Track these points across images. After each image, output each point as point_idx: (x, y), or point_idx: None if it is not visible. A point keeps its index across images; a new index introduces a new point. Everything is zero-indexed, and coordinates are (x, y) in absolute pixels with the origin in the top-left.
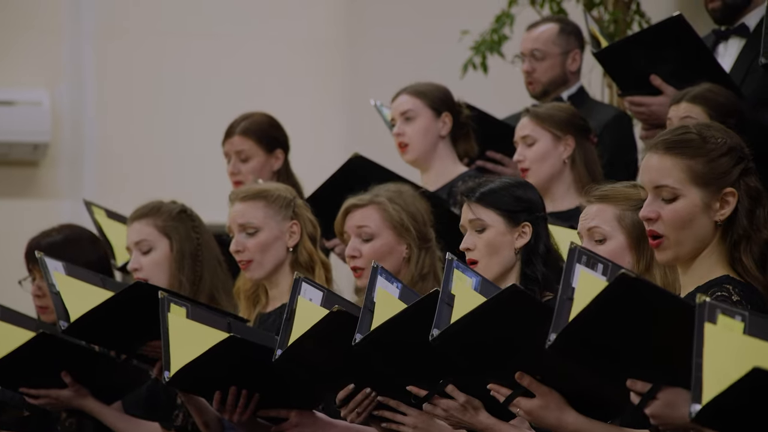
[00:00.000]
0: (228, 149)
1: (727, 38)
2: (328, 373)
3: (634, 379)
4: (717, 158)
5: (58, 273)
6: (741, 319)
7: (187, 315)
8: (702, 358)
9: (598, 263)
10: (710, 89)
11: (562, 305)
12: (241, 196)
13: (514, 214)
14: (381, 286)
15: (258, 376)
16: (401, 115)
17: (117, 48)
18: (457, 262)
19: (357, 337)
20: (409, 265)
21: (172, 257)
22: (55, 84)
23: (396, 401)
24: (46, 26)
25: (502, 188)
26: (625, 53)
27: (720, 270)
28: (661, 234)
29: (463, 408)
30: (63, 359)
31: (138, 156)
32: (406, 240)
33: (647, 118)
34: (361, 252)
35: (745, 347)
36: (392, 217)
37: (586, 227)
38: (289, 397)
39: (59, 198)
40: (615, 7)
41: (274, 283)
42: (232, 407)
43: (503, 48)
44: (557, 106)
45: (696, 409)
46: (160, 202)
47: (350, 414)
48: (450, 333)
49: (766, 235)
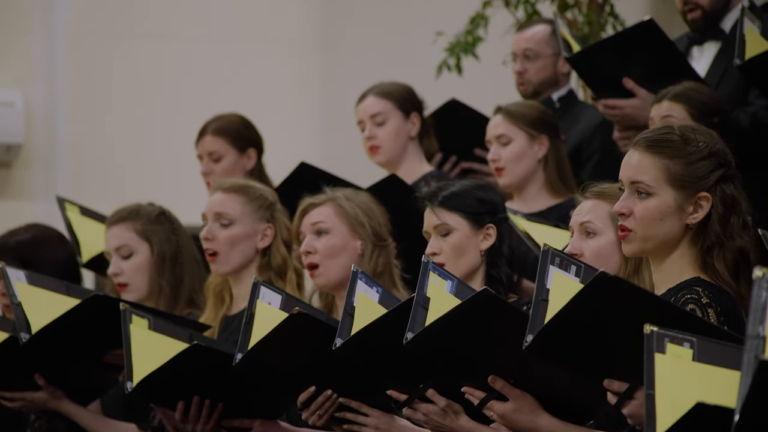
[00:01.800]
0: (201, 150)
1: (702, 42)
2: (290, 376)
3: (611, 379)
4: (695, 161)
5: (20, 283)
6: (689, 346)
7: (149, 326)
8: (654, 390)
9: (571, 265)
10: (692, 88)
11: (537, 307)
12: (224, 187)
13: (478, 217)
14: (361, 290)
15: (221, 385)
16: (371, 118)
17: (90, 49)
18: (433, 264)
19: (337, 342)
20: (362, 261)
21: (152, 261)
22: (28, 85)
23: (357, 402)
24: (19, 27)
25: (465, 191)
26: (597, 57)
27: (691, 272)
28: (630, 228)
29: (444, 412)
30: (36, 361)
31: (111, 157)
32: (360, 236)
33: (621, 120)
34: (315, 248)
35: (694, 374)
36: (347, 213)
37: (579, 221)
38: (253, 406)
39: (32, 199)
40: (589, 8)
41: (238, 281)
42: (195, 417)
43: (478, 49)
44: (528, 105)
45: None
46: (139, 205)
47: (312, 416)
48: (423, 336)
49: (740, 243)
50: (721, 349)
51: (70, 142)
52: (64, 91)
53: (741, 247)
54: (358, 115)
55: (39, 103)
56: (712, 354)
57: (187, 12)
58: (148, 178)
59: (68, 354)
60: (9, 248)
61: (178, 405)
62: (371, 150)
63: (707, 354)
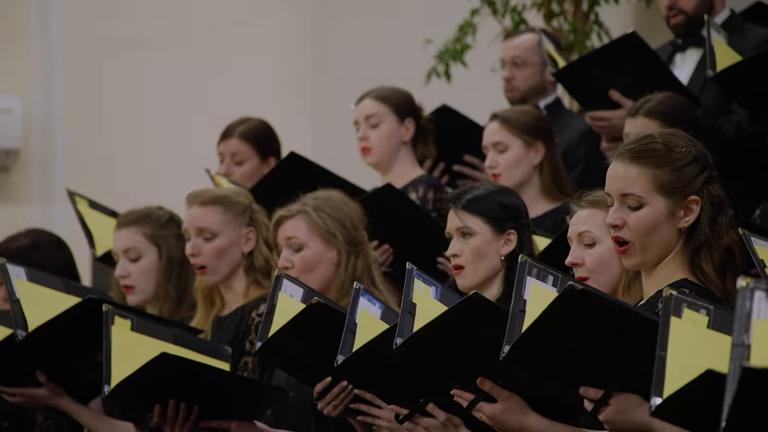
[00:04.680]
0: (223, 150)
1: (685, 49)
2: (307, 365)
3: (587, 387)
4: (682, 167)
5: (20, 280)
6: (706, 314)
7: (132, 327)
8: (666, 352)
9: (548, 275)
10: (663, 102)
11: (514, 317)
12: (199, 201)
13: (500, 222)
14: (363, 306)
15: (198, 388)
16: (366, 119)
17: (86, 57)
18: (417, 271)
19: (339, 359)
20: (339, 270)
21: (160, 266)
22: (27, 92)
23: (371, 395)
24: (17, 36)
25: (488, 195)
26: (583, 71)
27: (680, 274)
28: (627, 240)
29: (444, 426)
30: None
31: (107, 161)
32: (335, 246)
33: (609, 131)
34: (292, 263)
35: (708, 341)
36: (318, 226)
37: (577, 231)
38: (229, 409)
39: (30, 203)
40: (574, 17)
41: (228, 286)
42: (172, 420)
43: (466, 57)
44: (524, 111)
45: (656, 402)
46: (149, 209)
47: (327, 407)
48: (413, 341)
49: (727, 242)
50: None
51: (66, 146)
52: (61, 98)
53: (728, 246)
54: (355, 115)
55: (37, 110)
56: (727, 323)
57: (181, 19)
58: (141, 181)
59: (66, 352)
60: (9, 254)
61: (156, 408)
62: (363, 151)
63: (723, 323)
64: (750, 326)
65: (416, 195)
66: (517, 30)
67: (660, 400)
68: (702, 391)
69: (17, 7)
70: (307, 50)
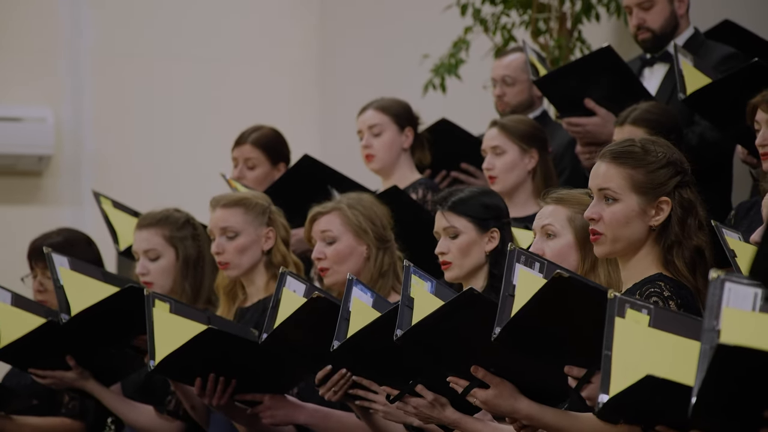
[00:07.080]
0: (237, 155)
1: (653, 64)
2: (309, 354)
3: (571, 366)
4: (656, 170)
5: (64, 268)
6: (647, 313)
7: (171, 310)
8: (611, 351)
9: (535, 262)
10: (648, 110)
11: (504, 301)
12: (222, 203)
13: (483, 221)
14: (356, 296)
15: (234, 364)
16: (369, 128)
17: (113, 70)
18: (414, 268)
19: (335, 344)
20: (368, 263)
21: (177, 266)
22: (58, 103)
23: (369, 381)
24: (49, 52)
25: (472, 197)
26: (561, 80)
27: (654, 269)
28: (600, 232)
29: (431, 405)
30: (69, 343)
31: (132, 167)
32: (365, 241)
33: (583, 136)
34: (325, 254)
35: (650, 340)
36: (351, 221)
37: (540, 225)
38: (262, 383)
39: (60, 205)
40: (559, 34)
41: (250, 280)
42: (211, 392)
43: (460, 70)
44: (522, 120)
45: (604, 399)
46: (168, 212)
47: (328, 392)
48: (412, 333)
49: (696, 242)
50: (676, 318)
51: (94, 153)
52: (90, 108)
53: (698, 246)
54: (358, 125)
55: (67, 119)
56: (667, 322)
57: (200, 35)
58: (163, 186)
59: (100, 337)
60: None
61: (196, 381)
62: (367, 158)
63: (663, 321)
64: (720, 314)
65: (416, 196)
66: (507, 47)
67: (607, 397)
68: (643, 395)
69: (50, 27)
70: (314, 64)
